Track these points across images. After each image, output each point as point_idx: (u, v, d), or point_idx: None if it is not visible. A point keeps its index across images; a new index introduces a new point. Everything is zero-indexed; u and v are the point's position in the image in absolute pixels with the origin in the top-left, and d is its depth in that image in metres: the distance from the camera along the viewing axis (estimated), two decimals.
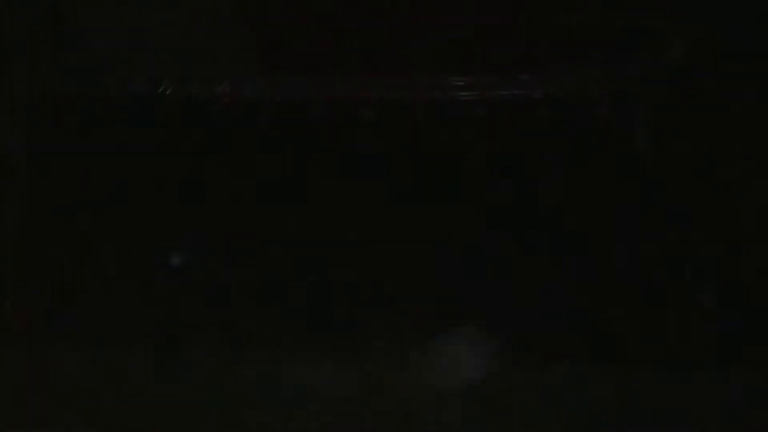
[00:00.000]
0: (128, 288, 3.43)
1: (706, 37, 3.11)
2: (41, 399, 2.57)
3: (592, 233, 3.20)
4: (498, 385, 2.77)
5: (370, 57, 3.32)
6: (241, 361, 2.94)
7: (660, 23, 3.20)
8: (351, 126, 3.32)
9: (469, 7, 3.27)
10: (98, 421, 2.38)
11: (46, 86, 3.33)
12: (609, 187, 3.26)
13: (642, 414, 2.46)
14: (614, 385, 2.67)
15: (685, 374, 2.72)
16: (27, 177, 3.44)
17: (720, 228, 3.17)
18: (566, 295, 3.14)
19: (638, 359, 2.92)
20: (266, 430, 2.45)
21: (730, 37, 3.11)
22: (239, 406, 2.50)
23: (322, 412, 2.54)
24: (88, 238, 3.44)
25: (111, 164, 3.48)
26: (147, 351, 3.09)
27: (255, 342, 3.06)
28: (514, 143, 3.30)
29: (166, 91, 3.26)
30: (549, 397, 2.61)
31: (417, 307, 3.07)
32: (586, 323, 2.99)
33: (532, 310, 3.06)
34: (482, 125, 3.27)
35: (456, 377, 2.78)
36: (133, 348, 3.11)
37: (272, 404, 2.60)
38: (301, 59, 3.34)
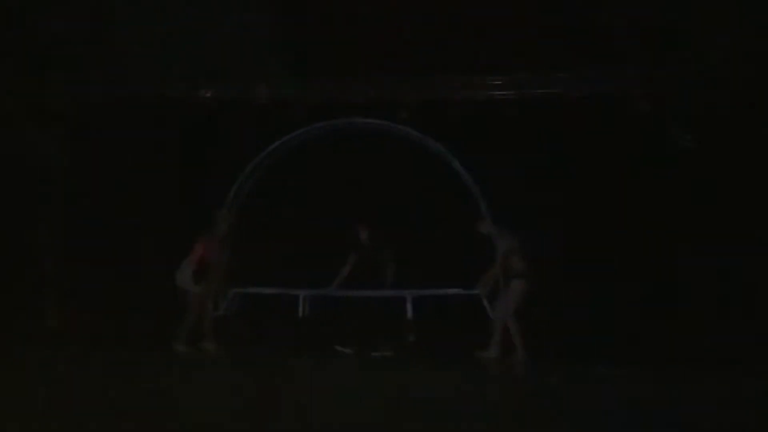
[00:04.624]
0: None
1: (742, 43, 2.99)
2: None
3: None
4: None
5: (404, 60, 3.29)
6: None
7: (697, 28, 3.08)
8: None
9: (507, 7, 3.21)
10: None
11: (84, 94, 3.40)
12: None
13: None
14: None
15: None
16: (66, 182, 3.51)
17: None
18: None
19: None
20: None
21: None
22: None
23: None
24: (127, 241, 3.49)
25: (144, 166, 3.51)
26: None
27: None
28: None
29: (206, 93, 3.30)
30: None
31: None
32: None
33: None
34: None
35: None
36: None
37: None
38: (338, 62, 3.34)
